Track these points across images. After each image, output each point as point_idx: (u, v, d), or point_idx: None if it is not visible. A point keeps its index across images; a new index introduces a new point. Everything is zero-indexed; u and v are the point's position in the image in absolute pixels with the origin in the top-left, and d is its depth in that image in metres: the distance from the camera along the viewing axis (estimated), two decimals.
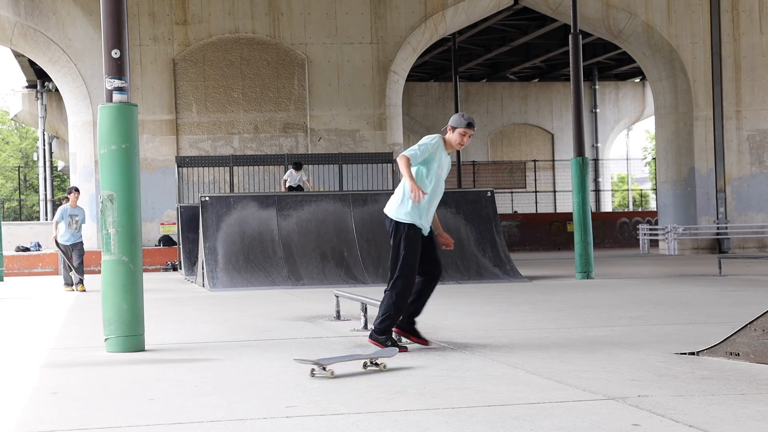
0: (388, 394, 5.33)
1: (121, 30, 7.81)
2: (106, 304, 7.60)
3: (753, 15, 26.86)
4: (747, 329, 6.29)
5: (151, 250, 23.99)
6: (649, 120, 47.22)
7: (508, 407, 4.90)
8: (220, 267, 15.69)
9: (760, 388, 5.34)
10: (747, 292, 12.62)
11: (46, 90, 39.16)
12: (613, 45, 32.42)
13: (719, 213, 26.52)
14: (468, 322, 9.42)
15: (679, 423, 4.44)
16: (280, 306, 11.84)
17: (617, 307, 10.80)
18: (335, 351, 7.27)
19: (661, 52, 26.96)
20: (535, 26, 33.10)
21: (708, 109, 26.64)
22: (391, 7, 25.76)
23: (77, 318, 11.01)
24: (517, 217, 35.15)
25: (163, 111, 25.08)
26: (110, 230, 7.57)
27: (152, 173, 24.81)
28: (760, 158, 27.04)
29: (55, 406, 5.28)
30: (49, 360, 7.27)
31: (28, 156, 62.12)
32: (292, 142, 25.59)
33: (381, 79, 25.81)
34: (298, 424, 4.58)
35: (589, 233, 16.95)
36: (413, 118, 41.84)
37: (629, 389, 5.33)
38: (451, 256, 16.11)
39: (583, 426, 4.41)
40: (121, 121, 7.66)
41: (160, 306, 12.21)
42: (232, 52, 25.36)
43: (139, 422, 4.73)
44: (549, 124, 43.42)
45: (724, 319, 9.07)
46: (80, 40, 24.44)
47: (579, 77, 17.40)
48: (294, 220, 16.52)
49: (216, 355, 7.27)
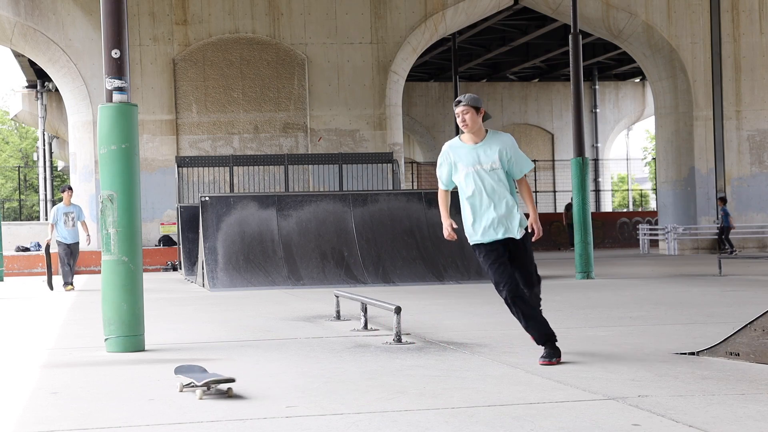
0: (388, 394, 5.33)
1: (121, 30, 7.81)
2: (106, 304, 7.59)
3: (753, 15, 26.86)
4: (747, 329, 6.29)
5: (151, 250, 23.98)
6: (649, 120, 47.23)
7: (508, 407, 4.90)
8: (220, 267, 15.69)
9: (760, 388, 5.34)
10: (747, 292, 12.62)
11: (46, 90, 39.15)
12: (613, 45, 32.42)
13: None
14: (468, 322, 9.42)
15: (679, 423, 4.44)
16: (280, 306, 11.84)
17: (617, 307, 10.80)
18: (335, 351, 7.28)
19: (661, 52, 26.96)
20: (535, 26, 33.09)
21: (708, 109, 26.63)
22: (391, 7, 25.76)
23: (77, 318, 11.01)
24: None
25: (163, 111, 25.08)
26: (110, 230, 7.57)
27: (152, 173, 24.80)
28: (760, 158, 27.03)
29: (55, 406, 5.28)
30: (49, 360, 7.27)
31: (28, 156, 62.11)
32: (292, 142, 25.58)
33: (381, 79, 25.80)
34: (298, 424, 4.58)
35: (589, 233, 16.95)
36: (413, 118, 41.84)
37: (629, 389, 5.33)
38: (451, 256, 16.12)
39: (583, 426, 4.41)
40: (121, 121, 7.66)
41: (160, 306, 12.21)
42: (232, 52, 25.35)
43: (139, 422, 4.73)
44: (549, 124, 43.42)
45: (724, 319, 9.07)
46: (80, 40, 24.44)
47: (579, 77, 17.40)
48: (294, 220, 16.52)
49: (216, 355, 7.27)
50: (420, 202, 16.96)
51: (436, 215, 17.70)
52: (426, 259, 16.14)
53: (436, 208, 17.42)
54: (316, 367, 6.48)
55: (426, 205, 16.84)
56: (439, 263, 16.10)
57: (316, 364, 6.63)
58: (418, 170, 41.65)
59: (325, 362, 6.69)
